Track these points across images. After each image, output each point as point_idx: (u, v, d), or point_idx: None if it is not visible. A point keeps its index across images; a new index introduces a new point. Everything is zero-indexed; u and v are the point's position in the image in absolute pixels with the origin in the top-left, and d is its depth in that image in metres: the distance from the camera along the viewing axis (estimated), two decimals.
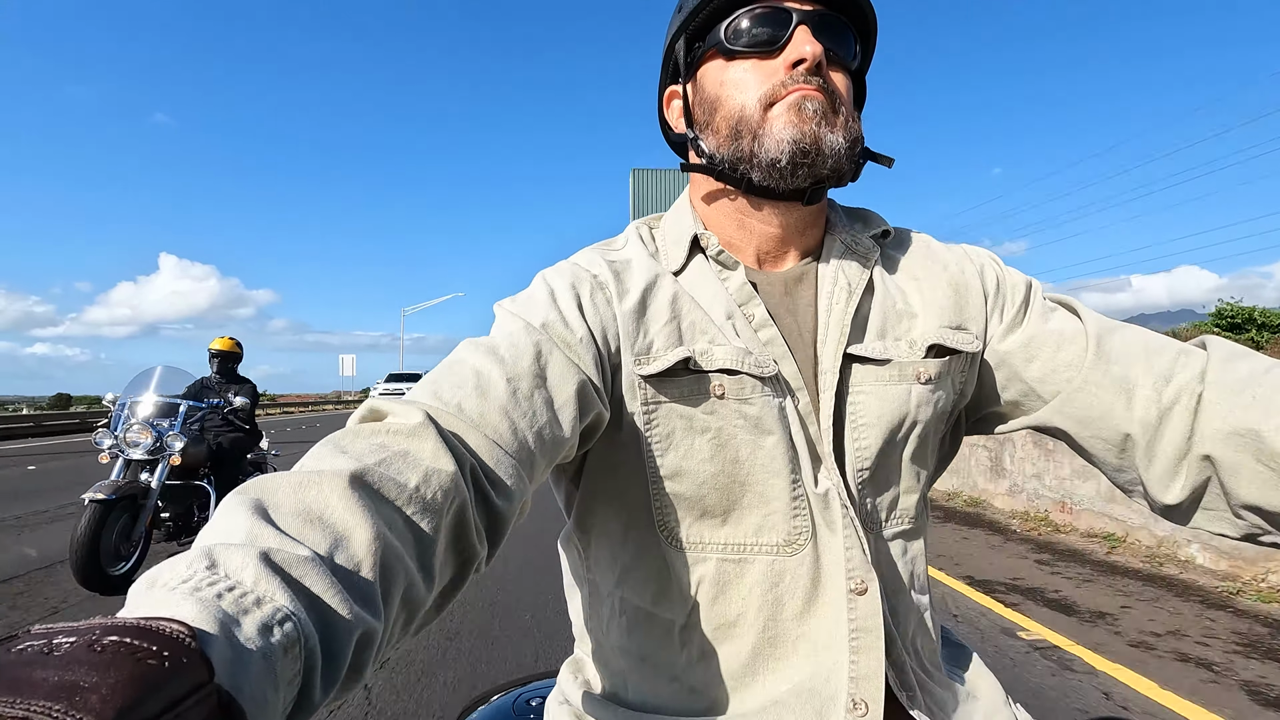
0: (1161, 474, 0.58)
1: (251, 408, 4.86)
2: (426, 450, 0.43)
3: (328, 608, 0.31)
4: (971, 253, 0.71)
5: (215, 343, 5.11)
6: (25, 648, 0.21)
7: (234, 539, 0.32)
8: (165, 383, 4.51)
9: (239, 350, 5.21)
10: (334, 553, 0.34)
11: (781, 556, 0.60)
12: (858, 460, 0.62)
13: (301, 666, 0.29)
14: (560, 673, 0.75)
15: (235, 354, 5.17)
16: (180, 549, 4.57)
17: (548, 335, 0.57)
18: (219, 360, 5.08)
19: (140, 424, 4.08)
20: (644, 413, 0.60)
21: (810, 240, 0.68)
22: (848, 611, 0.58)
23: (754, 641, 0.60)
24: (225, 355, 5.10)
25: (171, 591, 0.27)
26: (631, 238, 0.70)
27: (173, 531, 4.27)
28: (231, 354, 5.14)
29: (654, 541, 0.62)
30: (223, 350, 5.09)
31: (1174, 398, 0.58)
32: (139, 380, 4.48)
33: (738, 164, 0.62)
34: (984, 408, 0.70)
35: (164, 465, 4.09)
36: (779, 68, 0.61)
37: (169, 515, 4.24)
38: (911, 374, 0.63)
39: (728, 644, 0.61)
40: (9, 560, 4.46)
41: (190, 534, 4.39)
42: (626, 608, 0.64)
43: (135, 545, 3.93)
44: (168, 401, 4.33)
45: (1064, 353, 0.63)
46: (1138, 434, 0.59)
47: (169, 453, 4.09)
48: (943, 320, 0.65)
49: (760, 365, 0.60)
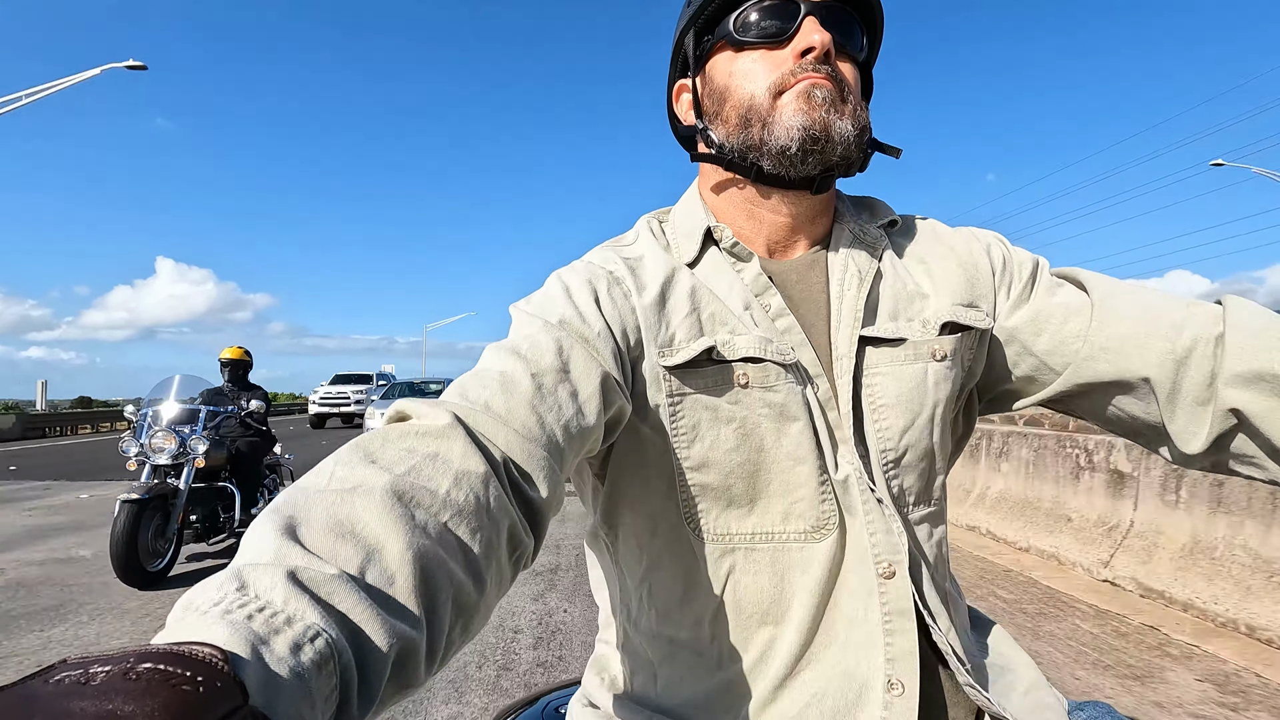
0: (1186, 423, 0.58)
1: (265, 411, 5.06)
2: (456, 451, 0.43)
3: (360, 624, 0.31)
4: (978, 233, 0.72)
5: (225, 352, 5.32)
6: (62, 678, 0.21)
7: (263, 559, 0.32)
8: (183, 390, 4.71)
9: (249, 359, 5.42)
10: (366, 567, 0.34)
11: (810, 542, 0.60)
12: (881, 442, 0.62)
13: (338, 683, 0.29)
14: (584, 674, 0.74)
15: (245, 362, 5.38)
16: (210, 547, 4.78)
17: (566, 331, 0.57)
18: (230, 369, 5.29)
19: (164, 430, 4.27)
20: (669, 405, 0.60)
21: (819, 229, 0.68)
22: (879, 595, 0.59)
23: (786, 628, 0.60)
24: (236, 363, 5.31)
25: (204, 615, 0.27)
26: (643, 232, 0.70)
27: (200, 532, 4.46)
28: (242, 362, 5.34)
29: (682, 533, 0.62)
30: (233, 359, 5.30)
31: (1190, 345, 0.57)
32: (159, 388, 4.68)
33: (747, 152, 0.63)
34: (997, 386, 0.70)
35: (189, 467, 4.29)
36: (788, 57, 0.61)
37: (196, 517, 4.43)
38: (927, 352, 0.63)
39: (761, 631, 0.61)
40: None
41: (217, 533, 4.59)
42: (656, 600, 0.64)
43: (169, 543, 4.13)
44: (188, 408, 4.52)
45: (1071, 324, 0.64)
46: (1158, 386, 0.59)
47: (193, 456, 4.29)
48: (955, 298, 0.65)
49: (781, 353, 0.61)
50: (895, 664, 0.58)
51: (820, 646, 0.60)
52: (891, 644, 0.58)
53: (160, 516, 4.06)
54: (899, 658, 0.58)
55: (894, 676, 0.57)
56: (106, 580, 3.97)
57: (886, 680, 0.57)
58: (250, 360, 5.45)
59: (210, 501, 4.56)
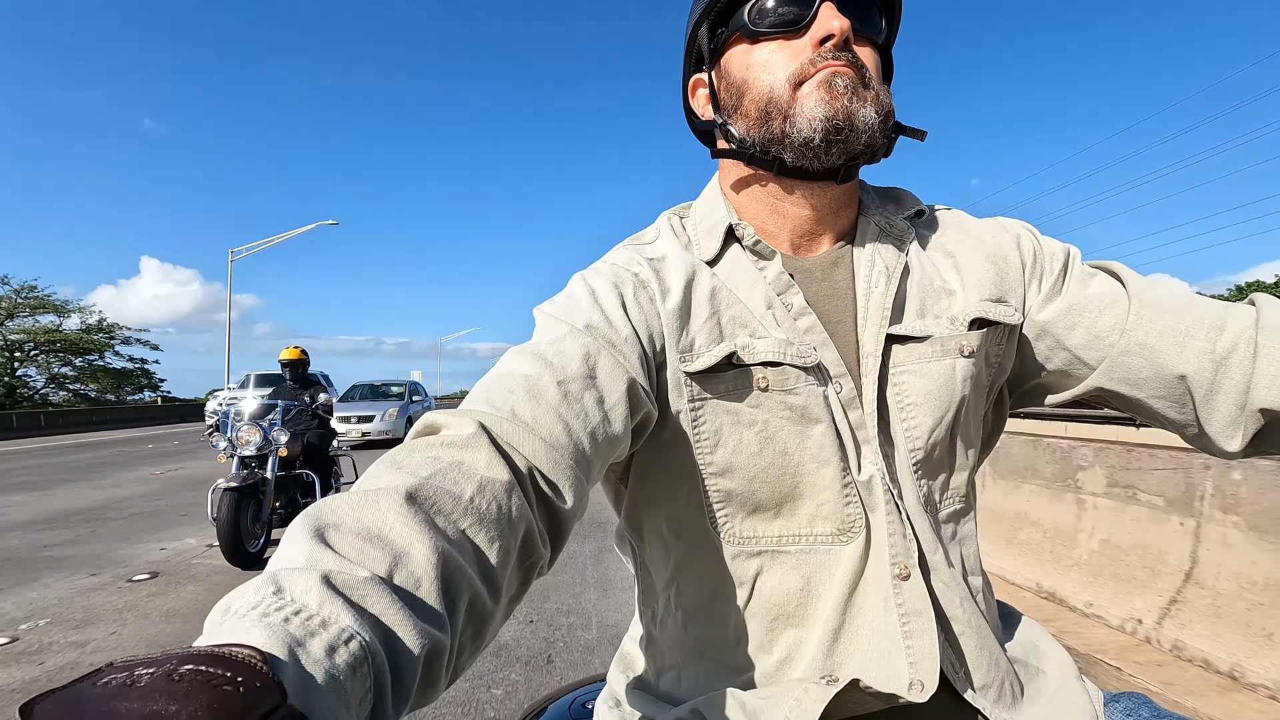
0: (1224, 424, 0.58)
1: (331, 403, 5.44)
2: (480, 460, 0.44)
3: (392, 626, 0.32)
4: (1007, 224, 0.70)
5: (284, 353, 5.68)
6: (109, 680, 0.22)
7: (297, 563, 0.33)
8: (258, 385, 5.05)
9: (305, 357, 5.77)
10: (394, 570, 0.35)
11: (836, 545, 0.60)
12: (910, 441, 0.62)
13: (371, 684, 0.30)
14: (609, 671, 0.75)
15: (304, 361, 5.73)
16: None
17: (592, 337, 0.57)
18: (290, 368, 5.65)
19: (248, 424, 4.63)
20: (690, 410, 0.60)
21: (844, 222, 0.67)
22: (894, 597, 0.59)
23: (812, 631, 0.60)
24: (295, 363, 5.66)
25: (242, 619, 0.28)
26: (664, 229, 0.69)
27: (284, 518, 4.81)
28: (300, 361, 5.69)
29: (707, 537, 0.62)
30: (292, 359, 5.66)
31: (1230, 346, 0.57)
32: (242, 384, 5.05)
33: (769, 146, 0.62)
34: (1028, 380, 0.69)
35: (274, 458, 4.65)
36: (806, 46, 0.60)
37: (279, 504, 4.79)
38: (954, 348, 0.63)
39: (786, 634, 0.61)
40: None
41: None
42: (682, 603, 0.64)
43: (263, 527, 4.51)
44: (265, 403, 4.88)
45: (1106, 317, 0.63)
46: (1195, 385, 0.58)
47: (276, 446, 4.65)
48: (983, 294, 0.64)
49: (802, 355, 0.60)
50: (916, 666, 0.58)
51: (844, 649, 0.59)
52: (911, 646, 0.58)
53: (254, 503, 4.42)
54: (919, 659, 0.58)
55: (914, 678, 0.57)
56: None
57: (908, 682, 0.57)
58: (307, 358, 5.79)
59: (291, 489, 4.93)
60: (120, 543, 5.11)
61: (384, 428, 13.09)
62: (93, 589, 3.95)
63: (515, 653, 2.90)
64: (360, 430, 12.86)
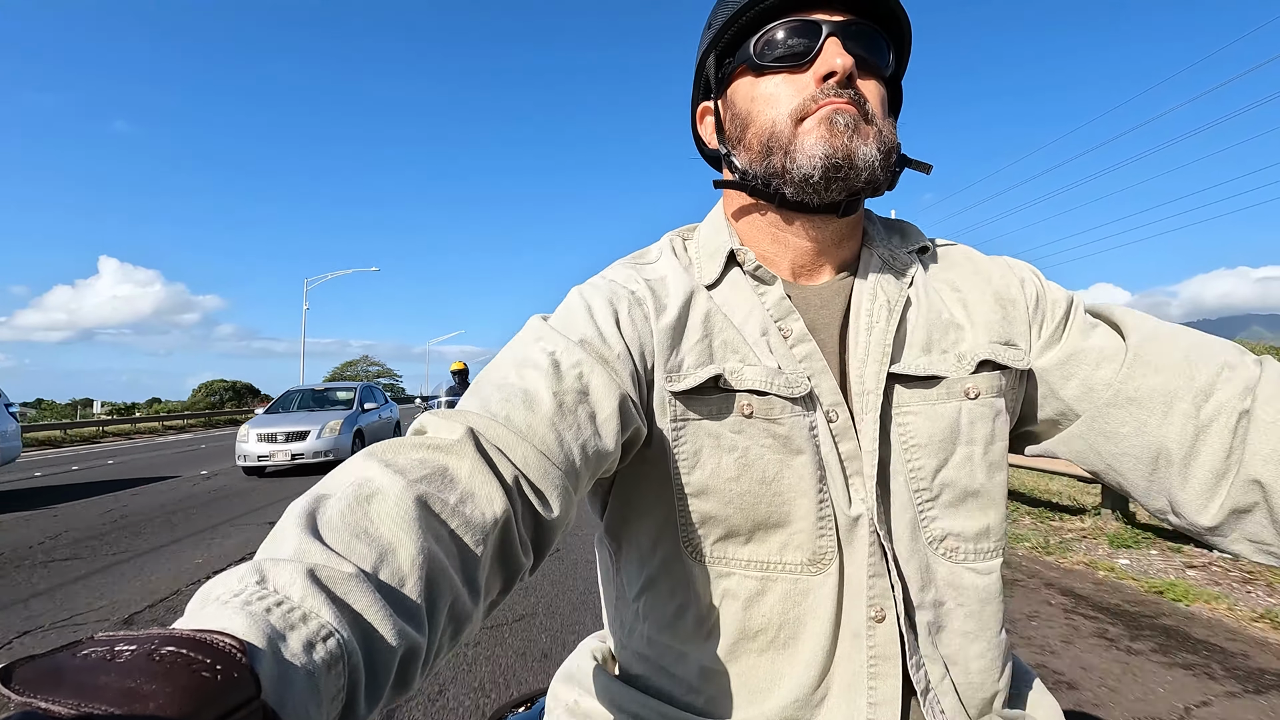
0: (1198, 493, 0.57)
1: None
2: (466, 465, 0.45)
3: (372, 624, 0.33)
4: (1014, 265, 0.71)
5: (455, 365, 8.19)
6: (89, 653, 0.22)
7: (284, 554, 0.34)
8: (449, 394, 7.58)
9: (467, 367, 8.25)
10: (379, 568, 0.36)
11: (805, 575, 0.60)
12: (914, 481, 0.61)
13: (345, 683, 0.30)
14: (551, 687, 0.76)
15: (468, 370, 8.21)
16: None
17: (587, 351, 0.58)
18: (459, 376, 8.14)
19: None
20: (673, 429, 0.60)
21: (846, 253, 0.68)
22: (866, 638, 0.59)
23: (774, 658, 0.60)
24: (463, 373, 8.15)
25: (224, 605, 0.29)
26: (666, 251, 0.70)
27: None
28: (466, 370, 8.18)
29: (679, 555, 0.62)
30: (461, 370, 8.15)
31: (1213, 414, 0.57)
32: (438, 388, 7.72)
33: (770, 180, 0.63)
34: (1019, 427, 0.69)
35: None
36: (809, 81, 0.61)
37: None
38: (960, 391, 0.62)
39: (747, 659, 0.61)
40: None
41: None
42: (650, 615, 0.65)
43: None
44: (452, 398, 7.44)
45: (1101, 370, 0.62)
46: (1173, 451, 0.58)
47: None
48: (991, 335, 0.64)
49: (791, 385, 0.60)
50: (876, 708, 0.58)
51: (804, 680, 0.59)
52: (875, 688, 0.58)
53: None
54: (880, 703, 0.58)
55: (872, 718, 0.58)
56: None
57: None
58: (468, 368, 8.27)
59: None
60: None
61: (321, 447, 9.24)
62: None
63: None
64: (288, 452, 9.12)
